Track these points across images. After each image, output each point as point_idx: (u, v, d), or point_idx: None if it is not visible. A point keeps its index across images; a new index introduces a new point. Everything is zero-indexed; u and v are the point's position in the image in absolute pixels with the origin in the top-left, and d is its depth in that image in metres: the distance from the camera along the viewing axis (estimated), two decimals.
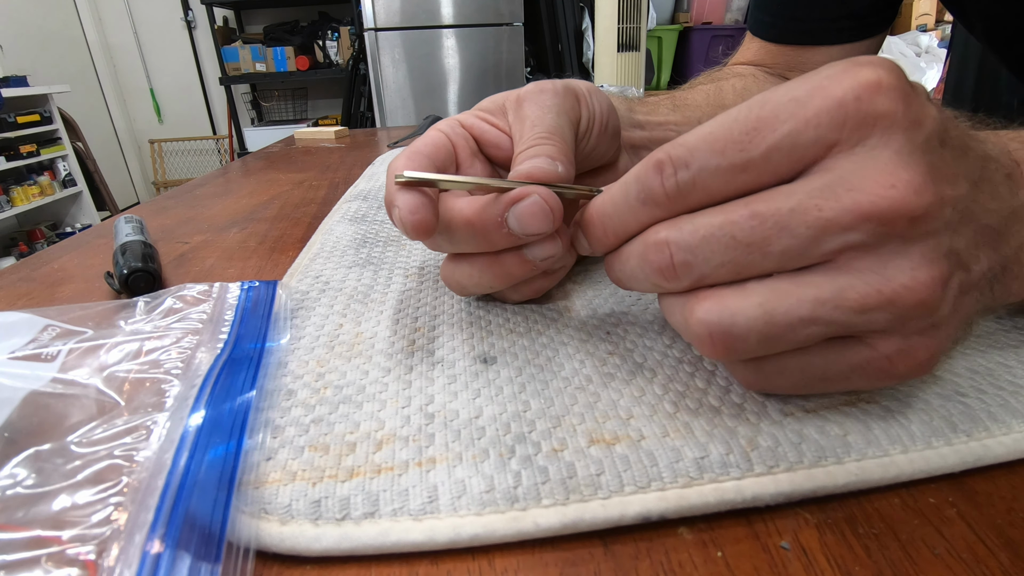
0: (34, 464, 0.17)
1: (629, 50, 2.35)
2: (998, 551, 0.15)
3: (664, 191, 0.17)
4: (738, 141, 0.16)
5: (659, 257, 0.17)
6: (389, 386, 0.21)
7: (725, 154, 0.16)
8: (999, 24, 0.43)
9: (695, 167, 0.16)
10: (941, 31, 2.80)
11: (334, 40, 3.01)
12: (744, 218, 0.16)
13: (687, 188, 0.16)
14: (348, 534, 0.15)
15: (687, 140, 0.16)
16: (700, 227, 0.16)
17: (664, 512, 0.16)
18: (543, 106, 0.24)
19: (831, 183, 0.15)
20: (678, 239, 0.16)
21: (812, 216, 0.15)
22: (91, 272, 0.37)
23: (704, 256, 0.16)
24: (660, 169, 0.17)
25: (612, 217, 0.19)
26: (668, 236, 0.17)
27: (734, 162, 0.16)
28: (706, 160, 0.16)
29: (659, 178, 0.17)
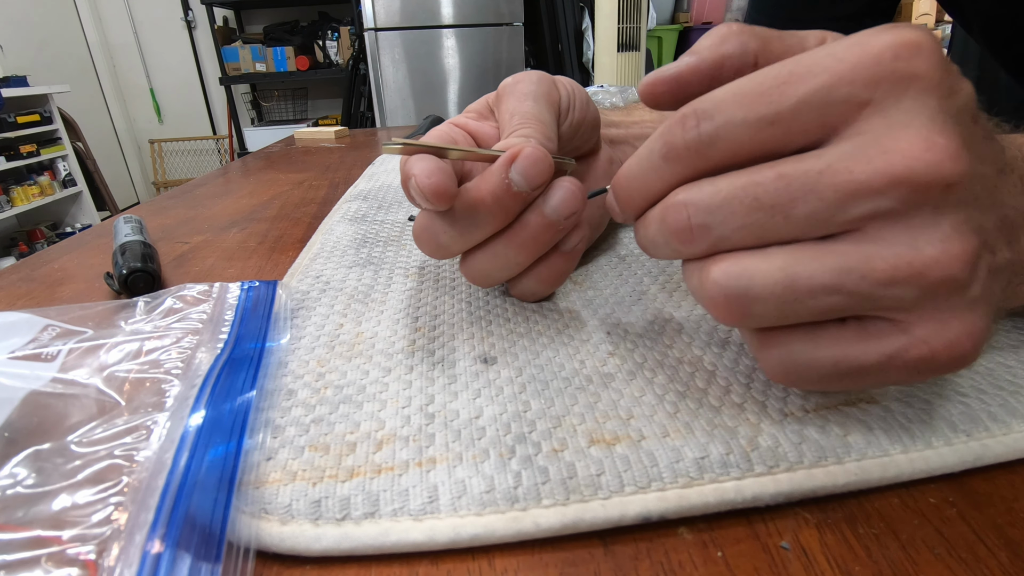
0: (34, 464, 0.17)
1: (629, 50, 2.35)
2: (998, 551, 0.15)
3: (685, 143, 0.16)
4: (767, 93, 0.15)
5: (677, 219, 0.16)
6: (389, 386, 0.21)
7: (753, 106, 0.15)
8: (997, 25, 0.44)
9: (720, 119, 0.15)
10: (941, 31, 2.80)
11: (334, 40, 3.01)
12: (770, 179, 0.15)
13: (710, 140, 0.16)
14: (348, 534, 0.15)
15: (714, 93, 0.16)
16: (721, 188, 0.15)
17: (664, 512, 0.16)
18: (520, 95, 0.25)
19: (863, 144, 0.14)
20: (697, 200, 0.16)
21: (842, 178, 0.14)
22: (91, 272, 0.37)
23: (723, 218, 0.15)
24: (683, 122, 0.16)
25: (637, 178, 0.18)
26: (687, 197, 0.16)
27: (762, 114, 0.15)
28: (732, 112, 0.15)
29: (681, 130, 0.16)
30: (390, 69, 2.46)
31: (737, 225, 0.15)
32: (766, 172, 0.15)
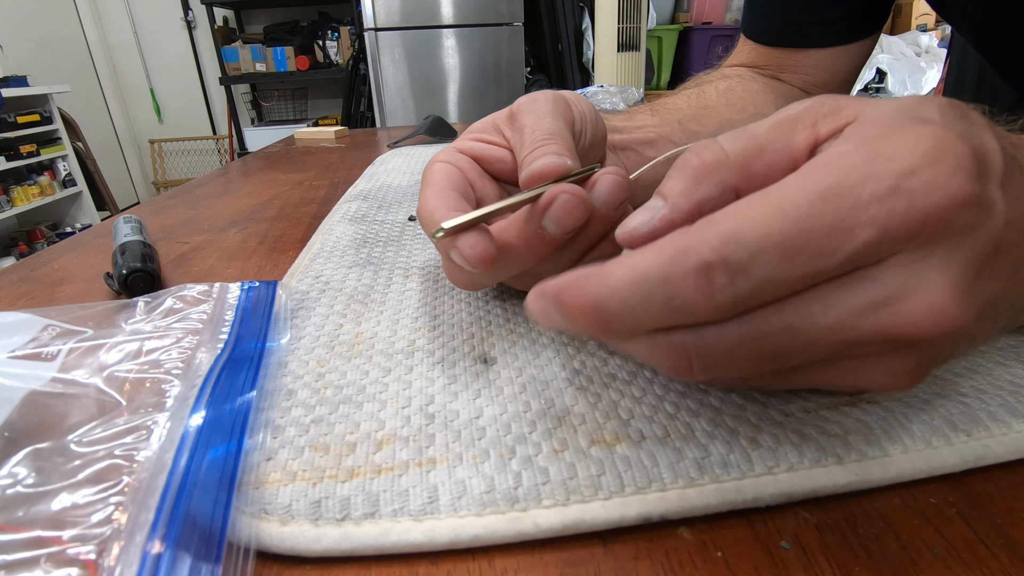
0: (34, 463, 0.17)
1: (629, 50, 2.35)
2: (998, 551, 0.15)
3: (714, 304, 0.13)
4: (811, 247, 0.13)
5: (676, 361, 0.15)
6: (389, 386, 0.21)
7: (796, 262, 0.13)
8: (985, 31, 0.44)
9: (758, 276, 0.13)
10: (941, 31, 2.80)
11: (334, 40, 3.01)
12: (778, 331, 0.14)
13: (744, 299, 0.13)
14: (348, 534, 0.15)
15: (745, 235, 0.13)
16: (727, 337, 0.14)
17: (665, 512, 0.16)
18: (538, 113, 0.24)
19: (875, 303, 0.13)
20: (701, 349, 0.14)
21: (846, 335, 0.14)
22: (91, 272, 0.37)
23: (727, 365, 0.15)
24: (708, 275, 0.13)
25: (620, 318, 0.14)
26: (687, 342, 0.14)
27: (806, 271, 0.13)
28: (772, 269, 0.13)
29: (708, 287, 0.13)
30: (390, 69, 2.46)
31: (739, 370, 0.15)
32: (774, 323, 0.14)
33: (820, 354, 0.15)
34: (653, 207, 0.16)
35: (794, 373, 0.16)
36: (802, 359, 0.15)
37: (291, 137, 0.97)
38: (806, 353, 0.14)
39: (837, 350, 0.14)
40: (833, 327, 0.14)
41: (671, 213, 0.16)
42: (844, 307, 0.13)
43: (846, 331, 0.14)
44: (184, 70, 3.37)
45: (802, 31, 0.45)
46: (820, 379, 0.16)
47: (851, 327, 0.14)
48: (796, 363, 0.15)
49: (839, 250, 0.13)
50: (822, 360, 0.15)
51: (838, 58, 0.46)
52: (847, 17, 0.44)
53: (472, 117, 2.38)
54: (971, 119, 0.15)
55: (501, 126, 0.26)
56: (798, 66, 0.47)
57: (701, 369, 0.15)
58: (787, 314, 0.14)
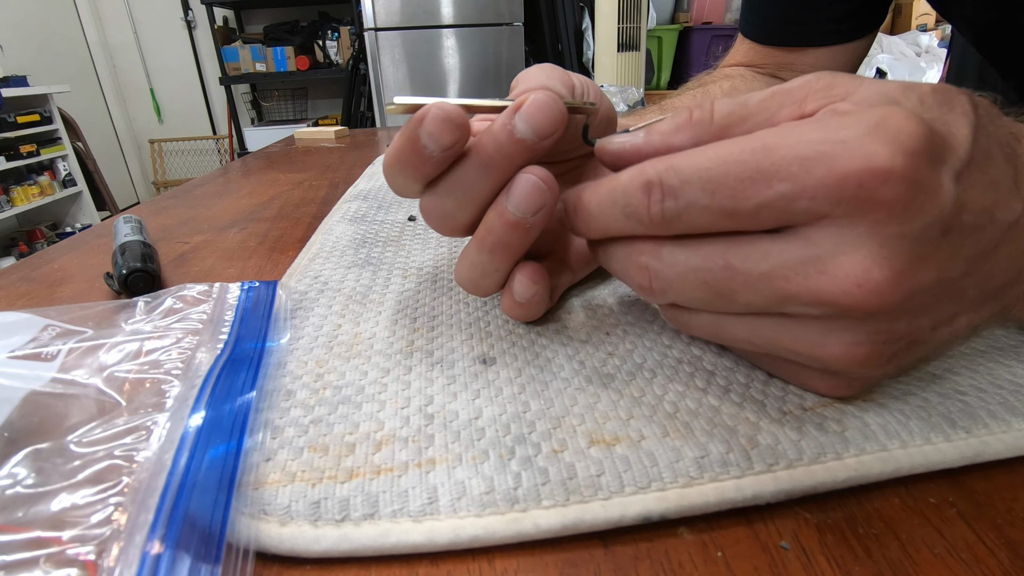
0: (34, 464, 0.17)
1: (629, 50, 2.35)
2: (998, 551, 0.15)
3: (649, 216, 0.17)
4: (732, 187, 0.15)
5: (640, 277, 0.18)
6: (388, 387, 0.21)
7: (716, 196, 0.15)
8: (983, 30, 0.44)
9: (683, 200, 0.16)
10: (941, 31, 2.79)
11: (334, 40, 3.01)
12: (719, 267, 0.16)
13: (672, 217, 0.16)
14: (347, 535, 0.15)
15: (683, 167, 0.16)
16: (679, 262, 0.17)
17: (665, 512, 0.16)
18: (529, 77, 0.24)
19: (805, 260, 0.15)
20: (657, 269, 0.17)
21: (779, 285, 0.15)
22: (91, 272, 0.37)
23: (679, 288, 0.17)
24: (648, 191, 0.16)
25: (596, 218, 0.19)
26: (649, 263, 0.18)
27: (723, 206, 0.15)
28: (695, 197, 0.16)
29: (646, 200, 0.17)
30: (390, 69, 2.46)
31: (690, 296, 0.17)
32: (716, 259, 0.16)
33: (762, 301, 0.16)
34: (634, 136, 0.20)
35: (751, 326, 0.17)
36: (747, 300, 0.16)
37: (291, 137, 0.97)
38: (748, 294, 0.16)
39: (777, 300, 0.16)
40: (767, 274, 0.15)
41: (643, 145, 0.19)
42: (778, 259, 0.15)
43: (778, 282, 0.15)
44: (184, 70, 3.37)
45: (801, 30, 0.45)
46: (778, 339, 0.17)
47: (783, 278, 0.15)
48: (743, 304, 0.17)
49: (754, 196, 0.15)
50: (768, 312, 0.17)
51: (836, 56, 0.46)
52: (845, 16, 0.44)
53: None
54: (954, 106, 0.16)
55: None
56: (795, 65, 0.47)
57: (659, 288, 0.18)
58: (728, 253, 0.16)
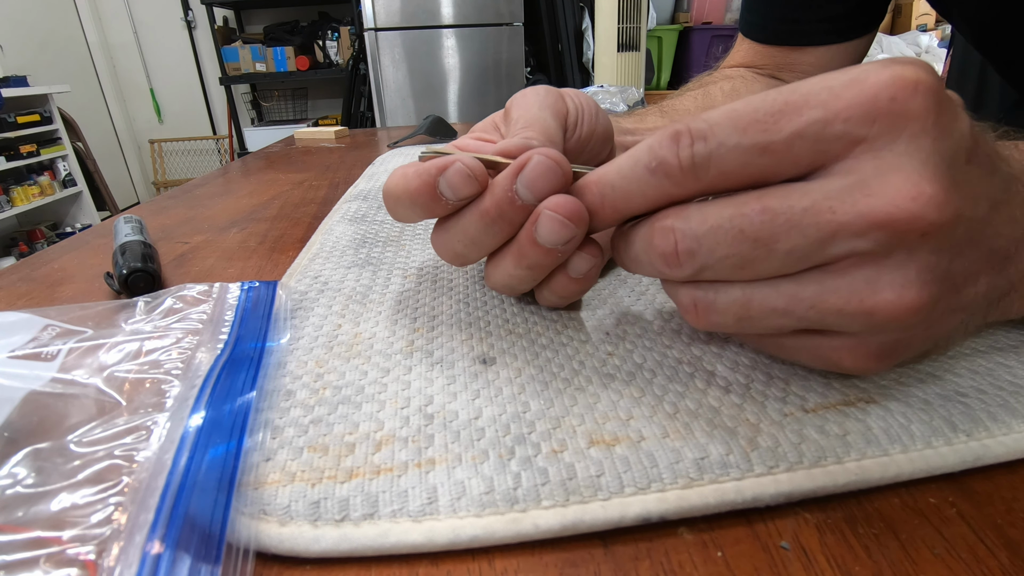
0: (34, 463, 0.17)
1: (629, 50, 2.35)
2: (998, 551, 0.15)
3: (679, 162, 0.16)
4: (762, 121, 0.15)
5: (664, 242, 0.17)
6: (388, 387, 0.21)
7: (747, 132, 0.15)
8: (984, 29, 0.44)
9: (714, 141, 0.15)
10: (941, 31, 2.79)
11: (334, 40, 3.01)
12: (756, 212, 0.15)
13: (703, 162, 0.15)
14: (347, 535, 0.15)
15: (709, 115, 0.15)
16: (709, 217, 0.16)
17: (664, 513, 0.16)
18: (525, 105, 0.24)
19: (851, 185, 0.14)
20: (684, 227, 0.16)
21: (825, 218, 0.14)
22: (91, 272, 0.37)
23: (709, 246, 0.16)
24: (677, 139, 0.16)
25: (616, 188, 0.17)
26: (675, 223, 0.16)
27: (756, 142, 0.15)
28: (727, 136, 0.15)
29: (675, 148, 0.16)
30: (390, 69, 2.46)
31: (722, 254, 0.16)
32: (752, 204, 0.15)
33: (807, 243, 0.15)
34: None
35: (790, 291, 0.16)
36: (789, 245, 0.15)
37: (291, 137, 0.97)
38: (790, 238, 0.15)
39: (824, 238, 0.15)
40: (810, 209, 0.15)
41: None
42: (820, 192, 0.15)
43: (824, 215, 0.14)
44: (184, 70, 3.37)
45: (800, 29, 0.46)
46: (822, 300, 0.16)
47: (828, 210, 0.14)
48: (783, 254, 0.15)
49: (784, 127, 0.15)
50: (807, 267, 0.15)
51: (835, 56, 0.46)
52: (843, 14, 0.44)
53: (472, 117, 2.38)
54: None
55: (498, 123, 0.26)
56: (795, 65, 0.47)
57: (686, 249, 0.16)
58: (764, 197, 0.15)
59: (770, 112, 0.15)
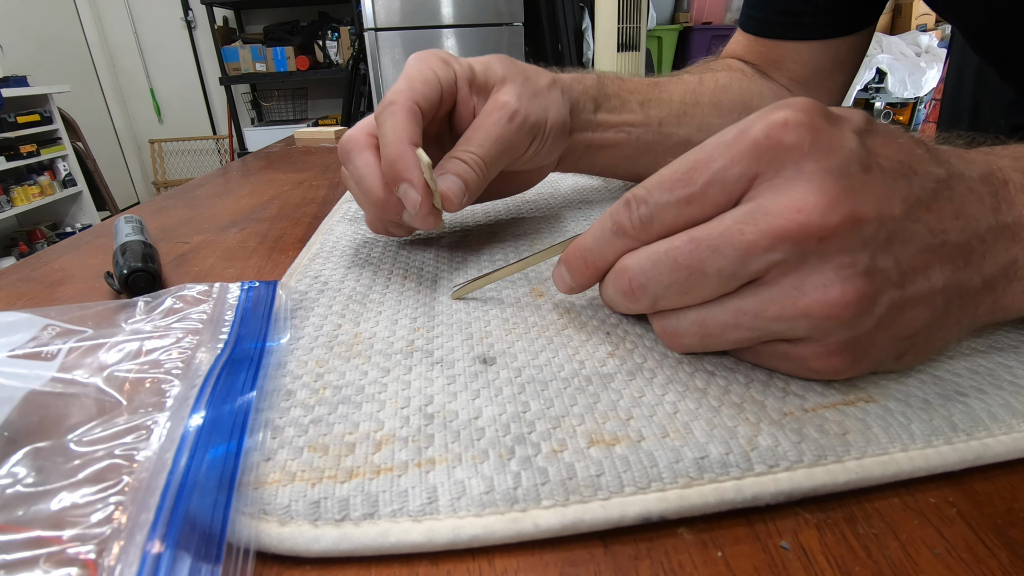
0: (34, 463, 0.17)
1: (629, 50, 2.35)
2: (998, 551, 0.15)
3: (631, 224, 0.20)
4: (681, 180, 0.19)
5: (621, 281, 0.20)
6: (388, 387, 0.21)
7: (673, 191, 0.19)
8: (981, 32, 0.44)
9: (652, 202, 0.19)
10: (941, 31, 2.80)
11: (334, 40, 3.01)
12: (683, 243, 0.19)
13: (647, 220, 0.19)
14: (347, 535, 0.15)
15: (648, 182, 0.20)
16: (651, 253, 0.19)
17: (664, 512, 0.16)
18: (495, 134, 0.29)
19: (752, 209, 0.17)
20: (634, 264, 0.20)
21: (736, 239, 0.17)
22: (91, 272, 0.37)
23: (655, 278, 0.19)
24: (628, 206, 0.20)
25: (592, 250, 0.22)
26: (627, 262, 0.20)
27: (680, 196, 0.19)
28: (659, 196, 0.19)
29: (627, 212, 0.20)
30: (390, 69, 2.46)
31: (667, 283, 0.19)
32: (681, 237, 0.19)
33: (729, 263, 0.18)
34: None
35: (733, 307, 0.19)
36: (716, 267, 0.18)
37: (291, 137, 0.97)
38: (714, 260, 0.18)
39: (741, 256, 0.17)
40: (724, 233, 0.18)
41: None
42: (730, 219, 0.18)
43: (735, 236, 0.17)
44: (184, 70, 3.37)
45: (800, 22, 0.46)
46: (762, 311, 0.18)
47: (738, 232, 0.17)
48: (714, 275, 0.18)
49: (698, 179, 0.18)
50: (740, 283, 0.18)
51: (829, 51, 0.46)
52: (845, 8, 0.45)
53: None
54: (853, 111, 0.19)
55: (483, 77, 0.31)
56: (786, 60, 0.47)
57: (639, 284, 0.20)
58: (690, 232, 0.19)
59: (686, 171, 0.19)
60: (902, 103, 2.81)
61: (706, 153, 0.19)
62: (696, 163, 0.19)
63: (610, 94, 0.38)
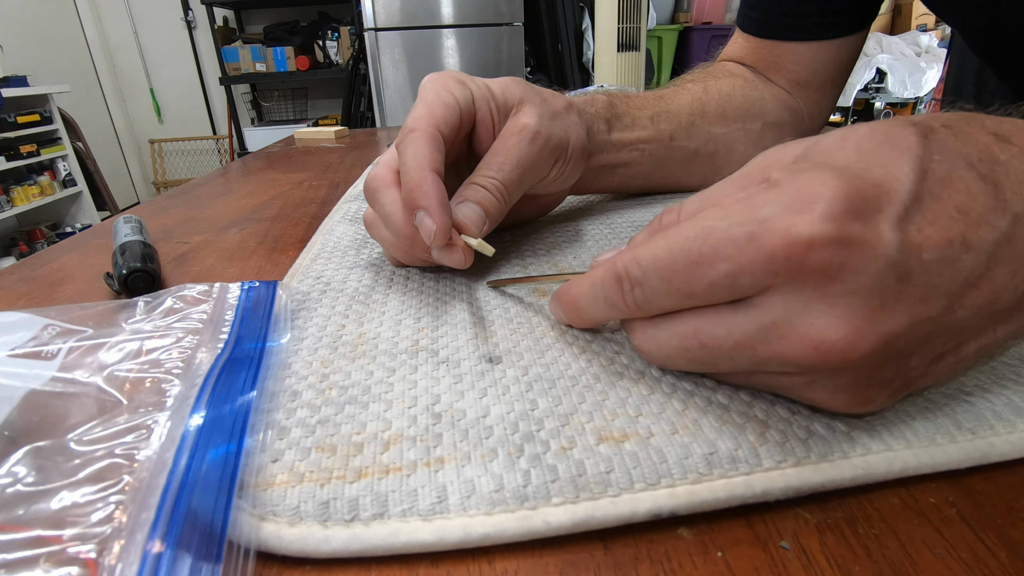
0: (34, 462, 0.17)
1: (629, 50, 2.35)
2: (998, 551, 0.15)
3: (625, 303, 0.19)
4: (682, 273, 0.17)
5: (640, 354, 0.20)
6: (394, 386, 0.21)
7: (672, 282, 0.17)
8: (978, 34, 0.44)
9: (649, 289, 0.18)
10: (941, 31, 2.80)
11: (334, 40, 3.01)
12: (695, 347, 0.18)
13: (644, 303, 0.18)
14: (357, 535, 0.15)
15: (642, 258, 0.18)
16: (663, 346, 0.19)
17: (675, 508, 0.16)
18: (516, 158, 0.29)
19: (765, 328, 0.16)
20: (649, 351, 0.19)
21: (748, 353, 0.16)
22: (91, 272, 0.37)
23: (671, 362, 0.19)
24: (619, 283, 0.18)
25: (587, 310, 0.21)
26: (640, 345, 0.20)
27: (680, 290, 0.17)
28: (656, 285, 0.17)
29: (620, 291, 0.19)
30: (390, 69, 2.46)
31: (683, 367, 0.20)
32: (691, 340, 0.18)
33: (743, 367, 0.17)
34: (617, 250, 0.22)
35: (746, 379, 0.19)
36: (729, 367, 0.18)
37: (291, 137, 0.97)
38: (728, 363, 0.17)
39: (754, 364, 0.17)
40: (737, 346, 0.17)
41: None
42: (742, 332, 0.16)
43: (747, 351, 0.16)
44: (184, 70, 3.37)
45: (797, 23, 0.46)
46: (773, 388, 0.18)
47: (750, 347, 0.16)
48: (726, 369, 0.18)
49: (702, 278, 0.16)
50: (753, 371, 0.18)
51: (826, 53, 0.46)
52: (842, 10, 0.45)
53: None
54: (895, 143, 0.16)
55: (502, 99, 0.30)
56: (785, 62, 0.47)
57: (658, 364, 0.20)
58: (699, 333, 0.17)
59: (687, 264, 0.16)
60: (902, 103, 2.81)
61: (711, 247, 0.16)
62: (701, 257, 0.16)
63: (620, 114, 0.38)
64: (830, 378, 0.16)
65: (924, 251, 0.15)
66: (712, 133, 0.42)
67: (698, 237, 0.16)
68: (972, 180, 0.16)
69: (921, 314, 0.15)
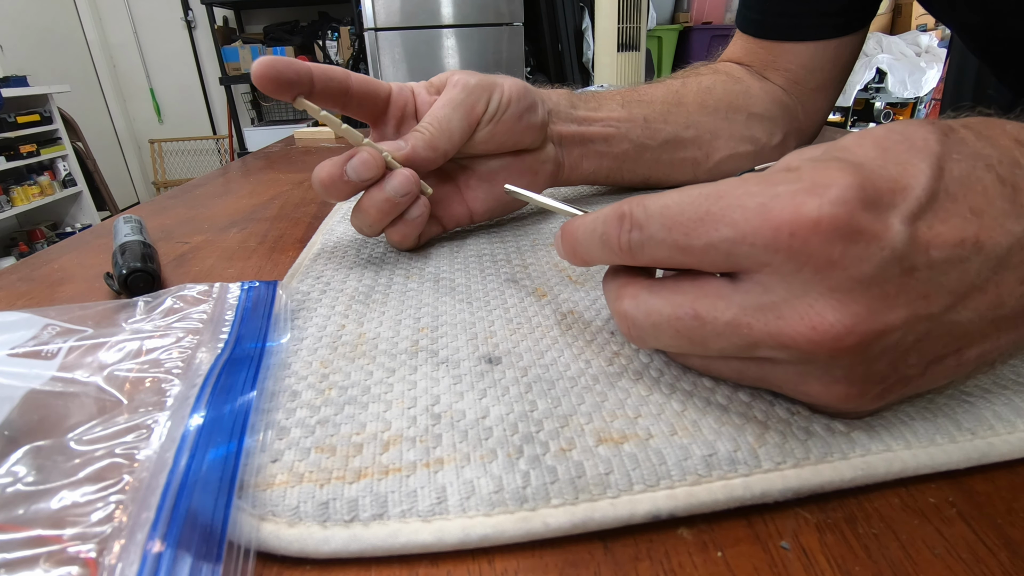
0: (34, 462, 0.17)
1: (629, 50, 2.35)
2: (998, 551, 0.15)
3: (619, 244, 0.18)
4: (685, 225, 0.16)
5: (622, 324, 0.19)
6: (394, 387, 0.21)
7: (672, 232, 0.17)
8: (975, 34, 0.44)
9: (647, 233, 0.17)
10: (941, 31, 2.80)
11: (334, 40, 3.01)
12: (688, 316, 0.17)
13: (637, 247, 0.18)
14: (357, 536, 0.15)
15: (650, 204, 0.17)
16: (652, 313, 0.18)
17: (674, 510, 0.16)
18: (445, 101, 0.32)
19: (763, 305, 0.16)
20: (635, 318, 0.18)
21: (743, 331, 0.16)
22: (91, 272, 0.37)
23: (654, 336, 0.18)
24: (621, 221, 0.18)
25: (581, 244, 0.20)
26: (627, 311, 0.19)
27: (677, 242, 0.17)
28: (656, 231, 0.17)
29: (618, 229, 0.18)
30: (390, 69, 2.46)
31: (665, 343, 0.18)
32: (686, 308, 0.17)
33: (733, 347, 0.17)
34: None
35: (736, 367, 0.18)
36: (719, 347, 0.17)
37: (291, 137, 0.97)
38: (718, 342, 0.17)
39: (746, 346, 0.16)
40: (731, 322, 0.16)
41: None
42: (739, 306, 0.16)
43: (742, 328, 0.16)
44: (184, 70, 3.37)
45: (796, 23, 0.46)
46: (764, 380, 0.18)
47: (746, 325, 0.16)
48: (718, 351, 0.17)
49: (702, 237, 0.16)
50: (743, 356, 0.17)
51: (825, 53, 0.46)
52: (840, 11, 0.45)
53: None
54: (913, 142, 0.16)
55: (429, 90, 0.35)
56: (782, 61, 0.47)
57: (637, 335, 0.19)
58: (695, 303, 0.17)
59: (693, 218, 0.16)
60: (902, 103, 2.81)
61: (719, 209, 0.16)
62: (707, 215, 0.16)
63: (586, 97, 0.39)
64: (824, 368, 0.16)
65: (933, 248, 0.15)
66: (691, 119, 0.42)
67: (710, 196, 0.16)
68: (991, 182, 0.15)
69: (921, 310, 0.15)
